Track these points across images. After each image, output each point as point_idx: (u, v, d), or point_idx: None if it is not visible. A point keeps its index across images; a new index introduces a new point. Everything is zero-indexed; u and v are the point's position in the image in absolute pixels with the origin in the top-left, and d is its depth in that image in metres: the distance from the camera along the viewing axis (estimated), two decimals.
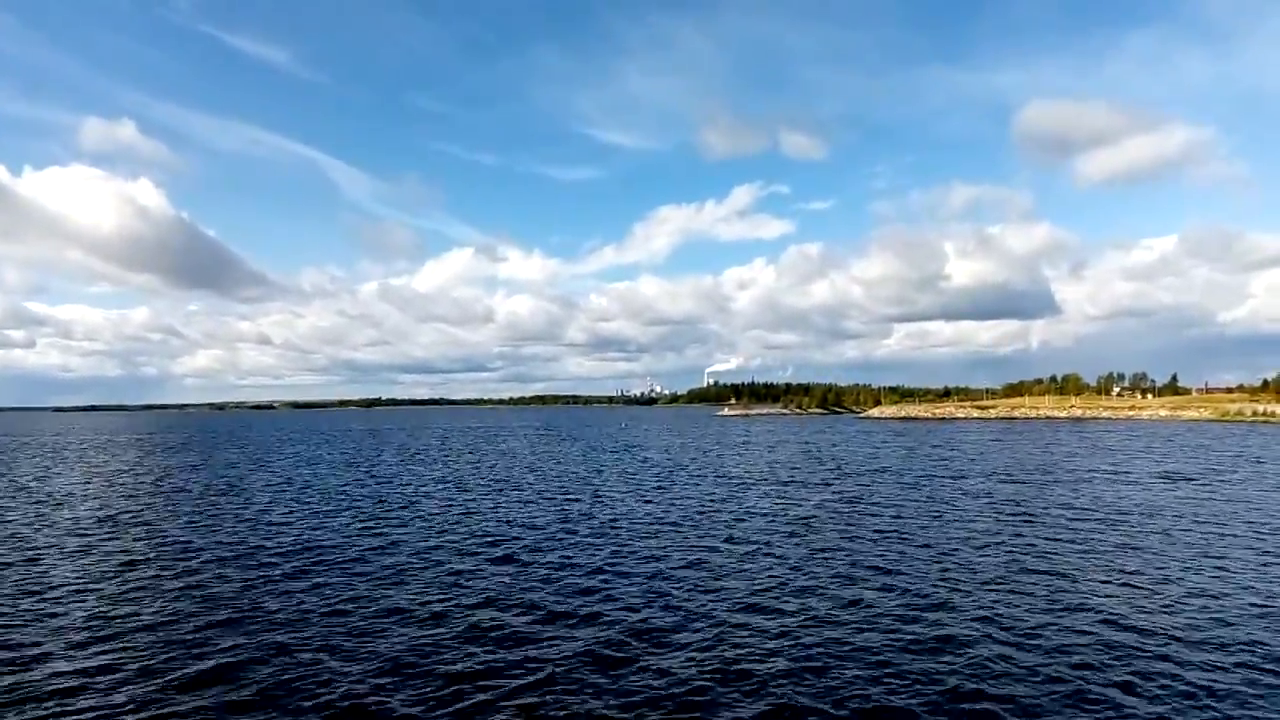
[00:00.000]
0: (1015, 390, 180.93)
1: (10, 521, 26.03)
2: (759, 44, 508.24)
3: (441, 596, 16.14)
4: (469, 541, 22.34)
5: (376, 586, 17.06)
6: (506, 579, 17.64)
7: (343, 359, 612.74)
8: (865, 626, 13.80)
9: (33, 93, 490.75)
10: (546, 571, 18.44)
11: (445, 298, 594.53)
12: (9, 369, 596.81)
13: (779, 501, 30.14)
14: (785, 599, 15.75)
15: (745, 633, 13.62)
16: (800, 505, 29.05)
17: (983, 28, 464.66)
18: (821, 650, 12.58)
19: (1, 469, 48.72)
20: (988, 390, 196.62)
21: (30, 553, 20.99)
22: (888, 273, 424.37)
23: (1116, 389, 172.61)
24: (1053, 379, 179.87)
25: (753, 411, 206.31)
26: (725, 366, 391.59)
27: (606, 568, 18.76)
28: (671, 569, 18.52)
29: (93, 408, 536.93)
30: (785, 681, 11.34)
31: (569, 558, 19.96)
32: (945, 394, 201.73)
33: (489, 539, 22.64)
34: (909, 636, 13.24)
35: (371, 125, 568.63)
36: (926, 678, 11.42)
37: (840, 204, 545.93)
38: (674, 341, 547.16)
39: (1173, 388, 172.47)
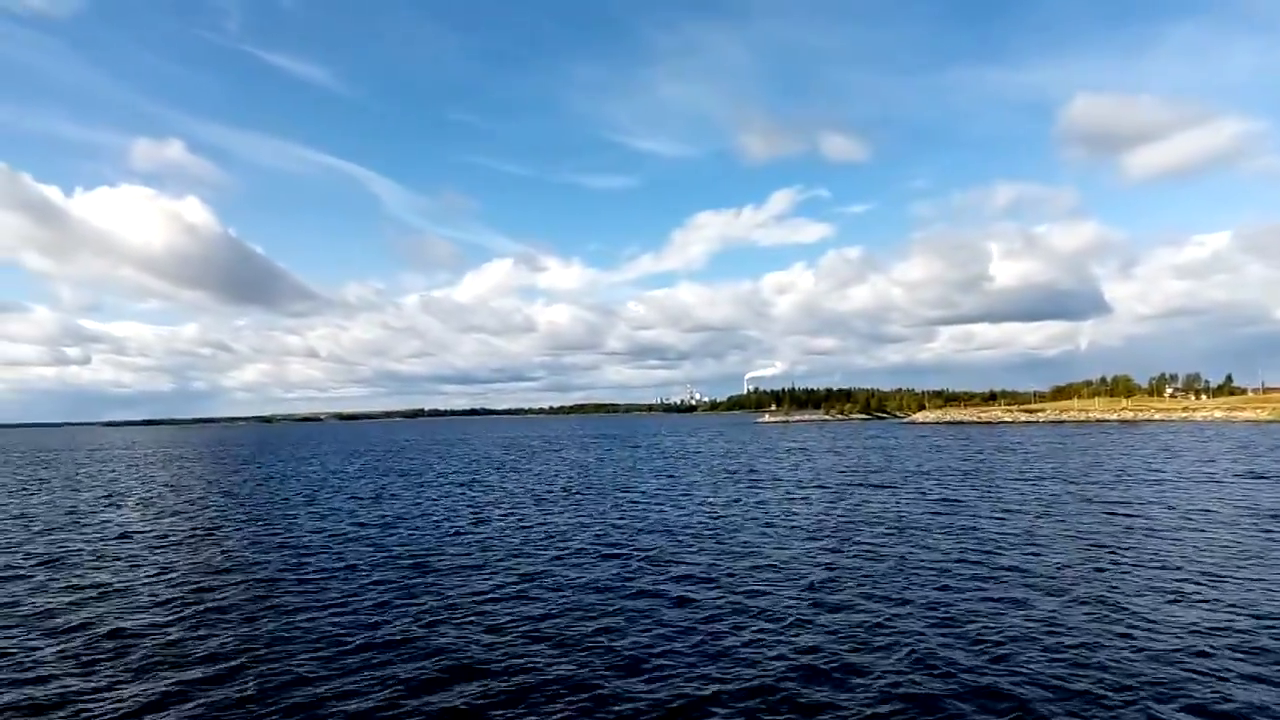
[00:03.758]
0: (1063, 393, 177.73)
1: (112, 539, 27.33)
2: (792, 47, 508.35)
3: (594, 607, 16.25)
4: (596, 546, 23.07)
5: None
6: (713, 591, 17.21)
7: (386, 370, 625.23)
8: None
9: (84, 116, 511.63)
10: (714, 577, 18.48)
11: (485, 308, 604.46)
12: (66, 385, 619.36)
13: (884, 504, 30.86)
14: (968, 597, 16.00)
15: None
16: (901, 507, 30.04)
17: (1019, 24, 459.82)
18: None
19: (103, 486, 51.41)
20: (1035, 393, 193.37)
21: (128, 558, 22.23)
22: (930, 275, 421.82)
23: (1169, 390, 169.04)
24: (1102, 380, 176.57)
25: (793, 418, 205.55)
26: (765, 372, 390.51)
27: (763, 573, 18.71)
28: (826, 571, 18.82)
29: (146, 422, 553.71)
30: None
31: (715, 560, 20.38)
32: (991, 397, 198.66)
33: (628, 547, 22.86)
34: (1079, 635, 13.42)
35: (409, 139, 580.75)
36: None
37: (880, 206, 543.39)
38: (713, 348, 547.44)
39: (1228, 388, 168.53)
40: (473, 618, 15.29)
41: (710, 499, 33.73)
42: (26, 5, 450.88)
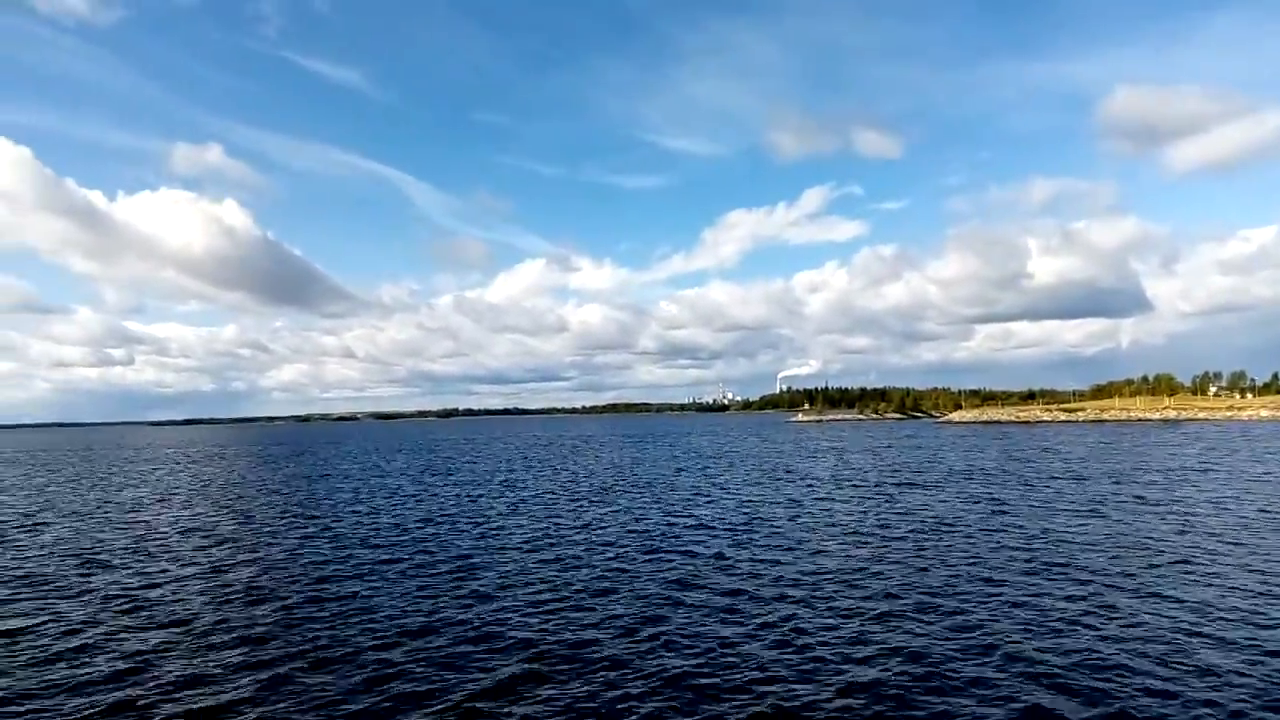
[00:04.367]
0: (1103, 392, 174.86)
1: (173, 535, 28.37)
2: (823, 43, 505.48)
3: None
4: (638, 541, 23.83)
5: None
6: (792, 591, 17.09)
7: (421, 370, 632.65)
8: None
9: (125, 121, 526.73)
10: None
11: (518, 308, 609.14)
12: (110, 385, 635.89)
13: (929, 504, 31.17)
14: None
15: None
16: (947, 506, 30.44)
17: (1055, 16, 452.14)
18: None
19: (180, 482, 53.17)
20: (1074, 392, 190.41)
21: (185, 553, 23.16)
22: (966, 272, 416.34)
23: (1213, 389, 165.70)
24: (1144, 379, 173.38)
25: (826, 417, 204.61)
26: (799, 371, 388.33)
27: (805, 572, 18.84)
28: (877, 565, 19.25)
29: (187, 421, 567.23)
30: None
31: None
32: (1029, 397, 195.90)
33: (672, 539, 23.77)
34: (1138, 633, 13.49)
35: (441, 141, 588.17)
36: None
37: (914, 203, 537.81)
38: (746, 347, 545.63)
39: (1275, 386, 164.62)
40: (530, 618, 15.40)
41: (750, 498, 34.02)
42: (72, 14, 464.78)
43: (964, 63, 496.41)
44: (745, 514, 29.09)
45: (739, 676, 11.89)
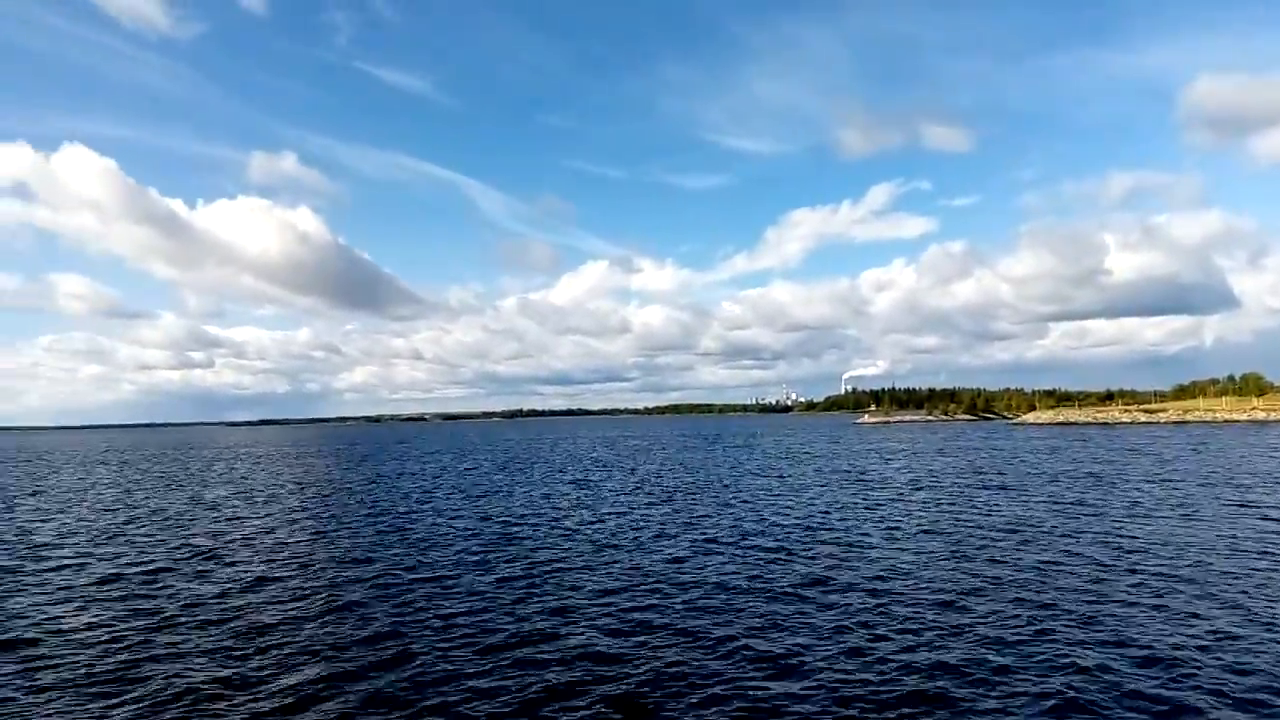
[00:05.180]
0: (1186, 392, 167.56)
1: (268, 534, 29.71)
2: (888, 38, 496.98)
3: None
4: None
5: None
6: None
7: (486, 372, 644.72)
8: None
9: (204, 132, 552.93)
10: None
11: (581, 310, 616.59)
12: (192, 388, 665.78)
13: (1008, 507, 30.93)
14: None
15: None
16: (1027, 510, 30.25)
17: (1131, 3, 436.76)
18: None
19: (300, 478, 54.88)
20: (1155, 393, 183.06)
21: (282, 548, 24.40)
22: (1040, 269, 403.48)
23: None
24: (1230, 379, 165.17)
25: (893, 419, 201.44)
26: (865, 371, 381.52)
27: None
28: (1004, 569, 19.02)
29: (264, 421, 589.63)
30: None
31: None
32: (1108, 397, 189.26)
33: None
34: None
35: (505, 145, 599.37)
36: None
37: (985, 199, 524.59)
38: (809, 348, 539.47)
39: None
40: (607, 616, 15.61)
41: (822, 500, 33.95)
42: (154, 29, 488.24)
43: (1036, 53, 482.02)
44: (821, 516, 29.00)
45: (817, 680, 11.86)
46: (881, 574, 18.97)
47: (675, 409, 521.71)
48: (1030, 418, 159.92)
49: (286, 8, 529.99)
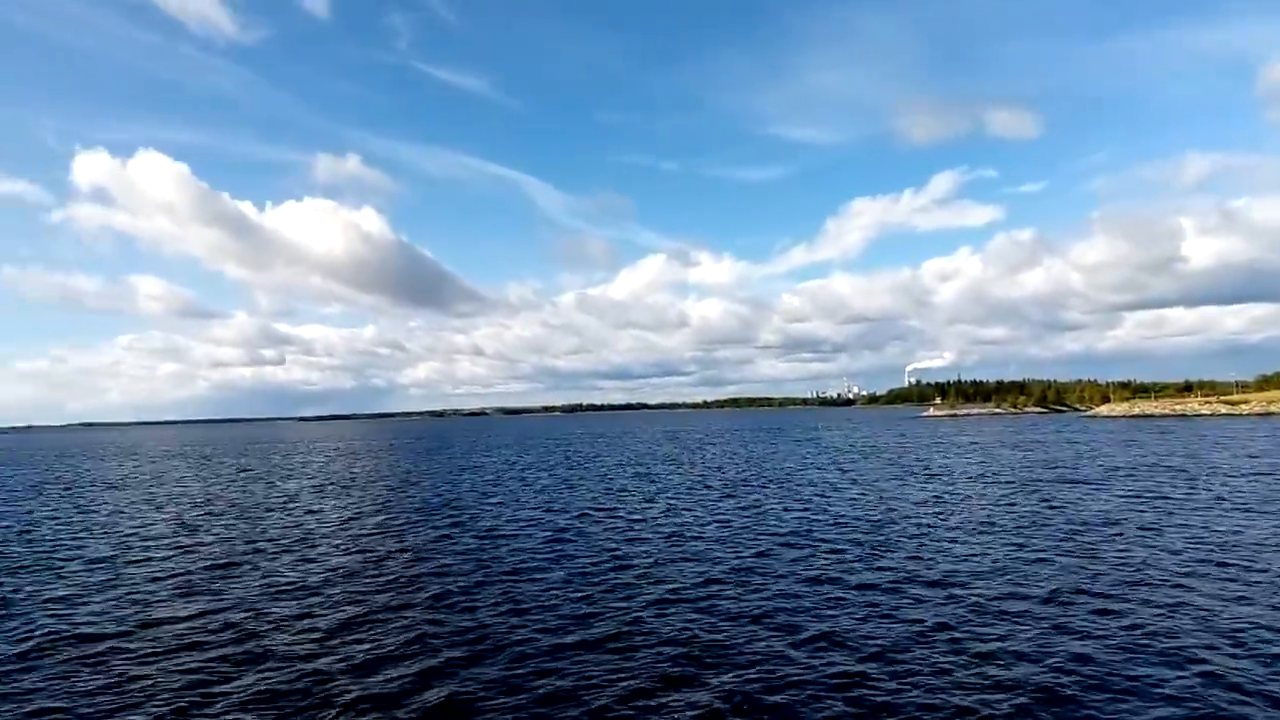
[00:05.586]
0: (1270, 382, 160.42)
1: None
2: (949, 22, 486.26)
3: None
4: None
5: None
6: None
7: (545, 367, 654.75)
8: None
9: (271, 136, 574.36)
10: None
11: (639, 305, 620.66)
12: (264, 383, 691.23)
13: (1090, 502, 30.56)
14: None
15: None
16: (1111, 505, 29.97)
17: None
18: None
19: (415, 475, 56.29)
20: (1237, 383, 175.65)
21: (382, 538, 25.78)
22: (1113, 257, 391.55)
23: None
24: None
25: (959, 412, 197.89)
26: (930, 364, 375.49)
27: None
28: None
29: (332, 416, 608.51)
30: None
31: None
32: (1186, 388, 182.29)
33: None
34: None
35: (562, 143, 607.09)
36: None
37: (1054, 185, 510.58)
38: (871, 340, 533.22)
39: None
40: (689, 610, 15.72)
41: (893, 495, 33.64)
42: (222, 34, 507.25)
43: (1105, 34, 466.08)
44: (892, 511, 28.82)
45: (896, 676, 11.87)
46: (977, 571, 18.72)
47: (734, 403, 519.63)
48: (1104, 410, 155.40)
49: (348, 11, 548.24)
